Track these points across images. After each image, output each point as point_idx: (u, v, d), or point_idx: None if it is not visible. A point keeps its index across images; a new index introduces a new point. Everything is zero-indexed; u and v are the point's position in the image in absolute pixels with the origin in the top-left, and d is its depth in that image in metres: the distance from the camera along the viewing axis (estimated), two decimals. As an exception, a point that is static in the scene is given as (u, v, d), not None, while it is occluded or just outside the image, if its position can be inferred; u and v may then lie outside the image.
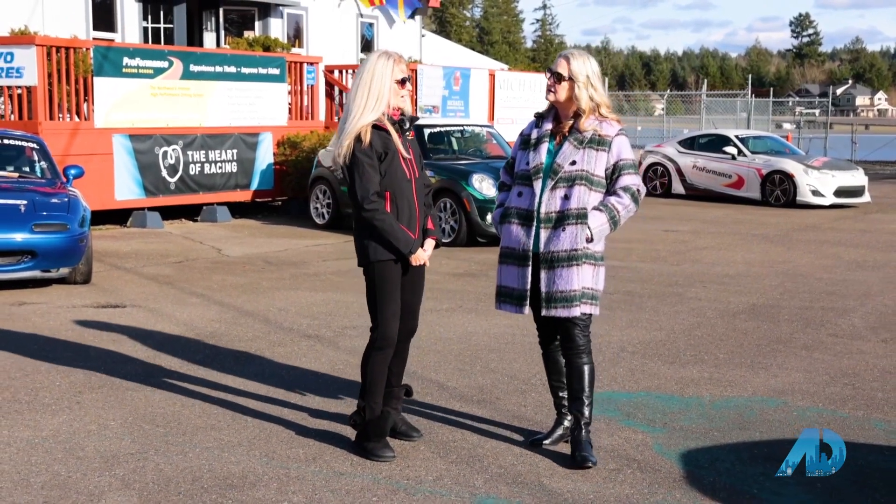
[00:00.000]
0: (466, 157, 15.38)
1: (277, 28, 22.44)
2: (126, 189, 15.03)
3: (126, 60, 15.06)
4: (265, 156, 17.13)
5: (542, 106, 5.95)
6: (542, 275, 5.51)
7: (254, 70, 16.90)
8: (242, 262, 12.41)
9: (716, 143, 22.62)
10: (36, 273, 9.95)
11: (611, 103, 5.73)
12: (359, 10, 23.44)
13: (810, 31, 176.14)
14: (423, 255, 5.70)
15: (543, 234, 5.50)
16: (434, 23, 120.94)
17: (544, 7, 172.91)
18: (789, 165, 21.19)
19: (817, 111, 51.99)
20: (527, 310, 5.63)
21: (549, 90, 5.68)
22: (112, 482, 5.17)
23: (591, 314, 5.61)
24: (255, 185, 17.05)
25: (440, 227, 14.19)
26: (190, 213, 16.53)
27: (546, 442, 5.86)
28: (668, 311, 9.87)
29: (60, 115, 14.66)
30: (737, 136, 22.56)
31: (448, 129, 16.04)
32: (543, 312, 5.54)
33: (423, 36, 25.21)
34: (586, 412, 5.64)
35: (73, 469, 5.34)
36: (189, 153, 15.85)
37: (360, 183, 5.50)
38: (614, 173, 5.54)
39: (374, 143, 5.53)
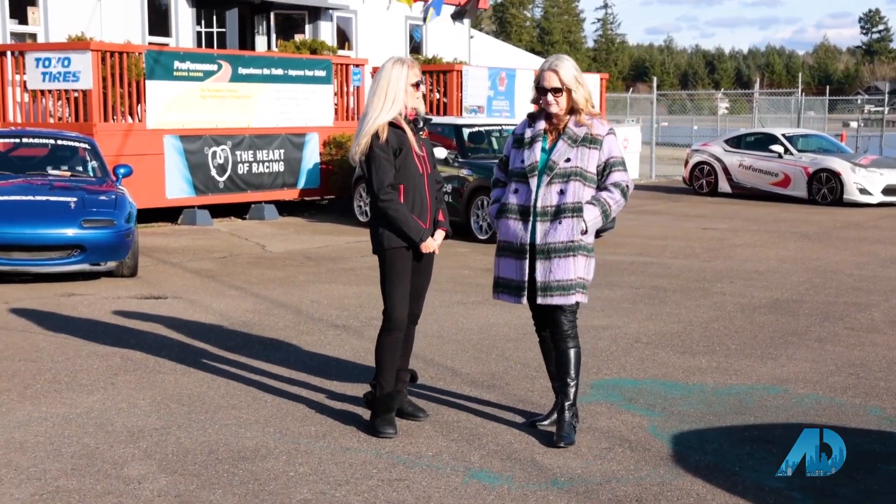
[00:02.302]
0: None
1: (327, 31, 22.95)
2: (176, 188, 15.58)
3: (177, 64, 15.61)
4: (311, 155, 17.61)
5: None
6: (539, 265, 5.86)
7: (301, 72, 17.38)
8: (283, 257, 12.87)
9: (762, 142, 22.70)
10: (85, 266, 10.47)
11: (591, 91, 6.06)
12: (409, 11, 23.86)
13: (881, 27, 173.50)
14: (433, 243, 6.11)
15: (540, 228, 5.85)
16: (494, 23, 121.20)
17: (606, 6, 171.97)
18: (836, 164, 21.23)
19: (886, 109, 51.34)
20: (524, 300, 5.99)
21: (548, 105, 5.89)
22: (135, 453, 5.62)
23: (578, 302, 5.96)
24: (301, 183, 17.54)
25: (477, 225, 14.55)
26: (239, 212, 17.05)
27: (544, 423, 6.21)
28: (690, 304, 10.15)
29: (114, 117, 15.22)
30: (784, 135, 22.62)
31: (487, 128, 16.39)
32: (540, 301, 5.90)
33: (471, 37, 25.59)
34: (570, 394, 5.99)
35: (101, 441, 5.80)
36: (237, 153, 16.37)
37: (376, 175, 5.95)
38: (605, 170, 5.89)
39: (391, 140, 5.97)
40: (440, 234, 6.24)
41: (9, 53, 15.44)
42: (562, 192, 5.81)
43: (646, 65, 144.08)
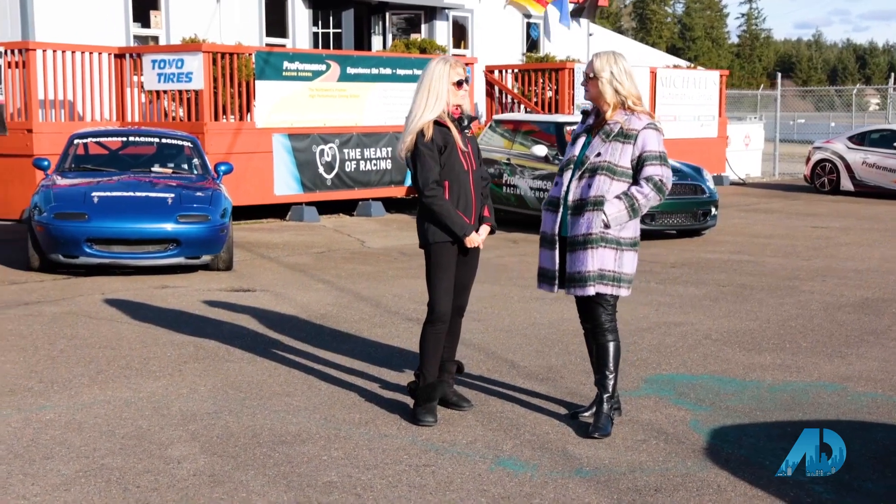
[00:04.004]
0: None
1: (443, 30, 23.21)
2: (284, 185, 16.02)
3: (286, 64, 16.06)
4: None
5: (706, 103, 6.35)
6: (567, 257, 6.01)
7: (408, 71, 17.65)
8: (379, 253, 13.15)
9: (888, 139, 22.08)
10: (180, 260, 10.92)
11: (640, 94, 6.13)
12: (528, 12, 23.96)
13: None
14: (477, 238, 6.27)
15: (570, 221, 6.00)
16: (634, 20, 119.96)
17: (750, 1, 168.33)
18: (965, 161, 20.57)
19: None
20: (556, 289, 6.13)
21: (584, 89, 6.17)
22: (182, 435, 5.92)
23: (614, 295, 6.04)
24: (409, 181, 17.78)
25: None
26: (348, 208, 17.43)
27: (585, 415, 6.30)
28: (773, 303, 10.05)
29: (225, 117, 15.74)
30: (911, 131, 22.01)
31: (589, 126, 16.39)
32: (565, 291, 6.05)
33: (590, 34, 25.51)
34: (608, 387, 6.08)
35: (154, 424, 6.11)
36: (345, 151, 16.74)
37: (421, 172, 6.15)
38: (639, 164, 5.97)
39: (435, 138, 6.16)
40: (485, 229, 6.39)
41: (127, 56, 16.11)
42: (588, 186, 5.94)
43: (792, 60, 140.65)
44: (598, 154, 5.97)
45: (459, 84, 6.25)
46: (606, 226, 5.92)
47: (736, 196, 21.92)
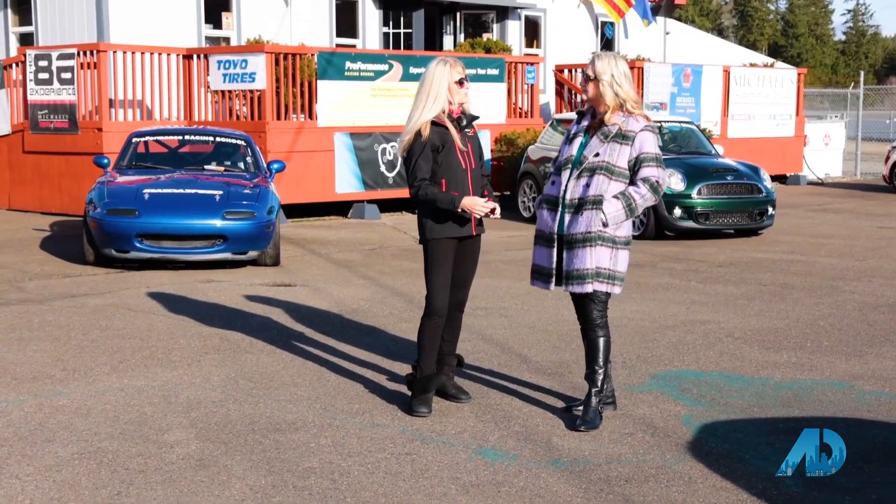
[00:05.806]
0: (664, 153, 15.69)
1: (514, 30, 23.29)
2: (346, 183, 16.30)
3: (348, 65, 16.34)
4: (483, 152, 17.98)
5: (782, 101, 6.41)
6: (564, 255, 6.13)
7: (473, 71, 17.78)
8: (429, 250, 13.32)
9: (969, 138, 21.63)
10: (227, 255, 11.24)
11: (638, 98, 6.24)
12: (602, 12, 23.93)
13: None
14: (476, 200, 6.26)
15: (567, 219, 6.12)
16: (735, 17, 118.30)
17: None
18: None
19: None
20: (552, 286, 6.25)
21: (585, 91, 6.27)
22: (182, 421, 6.17)
23: (607, 292, 6.15)
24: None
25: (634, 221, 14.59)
26: (411, 206, 17.64)
27: (579, 408, 6.40)
28: (809, 302, 9.99)
29: (288, 116, 16.05)
30: None
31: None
32: (562, 288, 6.17)
33: (667, 33, 25.40)
34: (597, 381, 6.19)
35: (158, 411, 6.38)
36: (407, 150, 16.91)
37: (412, 170, 6.34)
38: (636, 165, 6.09)
39: (432, 137, 6.33)
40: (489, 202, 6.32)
41: (195, 56, 16.55)
42: (587, 186, 6.06)
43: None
44: (597, 154, 6.08)
45: (461, 83, 6.40)
46: (604, 224, 6.03)
47: (810, 196, 21.64)
